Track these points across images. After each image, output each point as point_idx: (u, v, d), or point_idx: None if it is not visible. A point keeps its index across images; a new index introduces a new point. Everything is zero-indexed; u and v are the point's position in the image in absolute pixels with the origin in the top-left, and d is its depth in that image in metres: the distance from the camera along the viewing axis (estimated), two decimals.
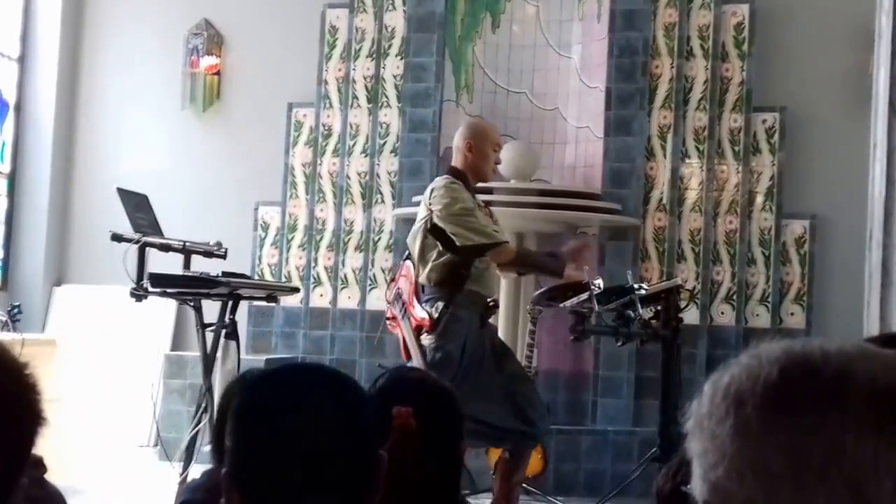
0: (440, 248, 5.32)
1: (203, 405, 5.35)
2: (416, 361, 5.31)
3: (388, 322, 5.59)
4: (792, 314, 7.87)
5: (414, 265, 5.40)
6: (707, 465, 1.02)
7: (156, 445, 7.61)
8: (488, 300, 5.45)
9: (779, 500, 0.98)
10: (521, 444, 5.43)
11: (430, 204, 5.37)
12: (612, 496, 6.15)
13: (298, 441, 1.56)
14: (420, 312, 5.31)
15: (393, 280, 5.74)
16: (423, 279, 5.34)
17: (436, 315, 5.24)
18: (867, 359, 1.01)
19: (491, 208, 5.82)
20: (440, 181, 5.47)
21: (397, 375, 2.45)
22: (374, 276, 8.19)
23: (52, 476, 2.42)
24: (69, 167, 8.95)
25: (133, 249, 5.35)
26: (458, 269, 5.29)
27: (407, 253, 5.57)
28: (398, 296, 5.46)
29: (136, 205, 5.69)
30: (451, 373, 5.00)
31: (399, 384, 2.37)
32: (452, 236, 5.28)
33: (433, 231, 5.34)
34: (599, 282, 5.76)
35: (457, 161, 5.55)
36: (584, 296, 5.64)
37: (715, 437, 1.02)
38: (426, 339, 5.27)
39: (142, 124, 8.85)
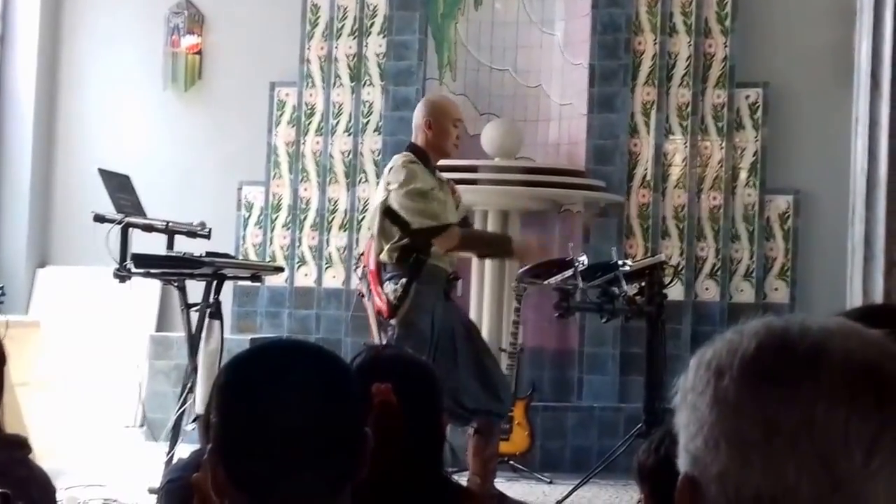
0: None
1: (189, 385, 5.38)
2: (375, 340, 5.32)
3: (361, 298, 5.58)
4: (776, 289, 7.91)
5: (376, 243, 5.39)
6: (688, 437, 1.05)
7: (142, 426, 7.63)
8: (450, 274, 5.42)
9: (751, 469, 1.00)
10: (487, 421, 5.42)
11: (388, 183, 5.34)
12: (598, 472, 6.20)
13: (283, 417, 1.57)
14: (378, 299, 5.31)
15: (362, 255, 5.74)
16: (384, 257, 5.32)
17: (399, 292, 5.23)
18: (846, 335, 1.03)
19: (454, 184, 5.68)
20: (398, 159, 5.41)
21: (374, 353, 2.47)
22: (360, 255, 8.19)
23: (36, 458, 2.43)
24: (50, 148, 8.92)
25: (116, 230, 5.36)
26: (418, 247, 5.27)
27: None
28: (364, 273, 5.48)
29: (119, 185, 5.70)
30: (423, 349, 5.00)
31: (376, 361, 2.39)
32: (404, 217, 5.28)
33: (387, 211, 5.32)
34: (584, 258, 5.78)
35: (417, 138, 5.50)
36: (569, 272, 5.66)
37: (696, 408, 1.04)
38: (395, 319, 5.25)
39: (123, 104, 8.81)
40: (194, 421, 5.19)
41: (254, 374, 1.63)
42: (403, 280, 5.24)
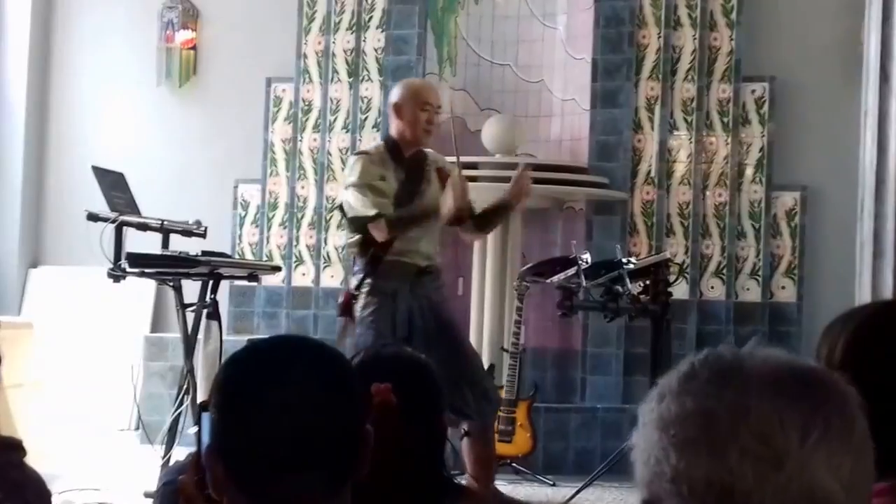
0: None
1: (185, 387, 5.39)
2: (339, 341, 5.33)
3: None
4: (783, 287, 7.92)
5: None
6: (641, 464, 1.13)
7: (137, 429, 7.63)
8: (423, 268, 5.34)
9: (697, 462, 1.08)
10: (477, 423, 5.40)
11: None
12: (602, 474, 6.21)
13: (283, 415, 1.57)
14: (342, 297, 5.34)
15: None
16: (350, 252, 5.38)
17: (356, 287, 5.24)
18: (767, 355, 1.15)
19: (450, 166, 5.51)
20: (353, 154, 5.50)
21: (372, 352, 2.49)
22: None
23: (30, 461, 2.45)
24: (42, 145, 8.92)
25: (110, 229, 5.37)
26: (373, 242, 5.25)
27: None
28: None
29: (112, 183, 5.71)
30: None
31: (375, 361, 2.40)
32: (344, 207, 5.31)
33: (340, 207, 5.38)
34: (587, 256, 5.80)
35: (390, 127, 5.52)
36: (572, 271, 5.67)
37: (646, 438, 1.14)
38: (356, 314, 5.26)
39: (116, 101, 8.82)
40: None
41: (254, 371, 1.63)
42: (360, 276, 5.26)
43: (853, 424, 1.11)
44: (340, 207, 5.38)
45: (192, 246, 5.53)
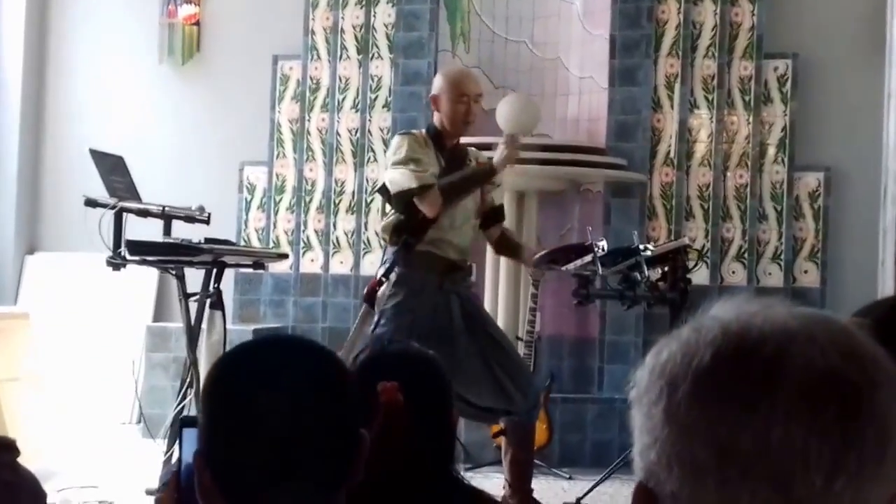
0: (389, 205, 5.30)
1: (188, 380, 5.35)
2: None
3: None
4: (806, 272, 7.85)
5: None
6: (642, 446, 1.03)
7: (139, 422, 7.61)
8: (453, 262, 5.31)
9: (704, 493, 0.99)
10: (512, 422, 5.38)
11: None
12: (619, 467, 6.17)
13: (272, 422, 1.54)
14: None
15: None
16: (382, 238, 5.35)
17: (384, 275, 5.18)
18: (809, 337, 1.00)
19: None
20: (398, 133, 5.45)
21: (378, 349, 2.46)
22: (368, 239, 8.15)
23: (26, 458, 2.41)
24: (39, 127, 8.84)
25: (109, 214, 5.33)
26: (407, 228, 5.20)
27: None
28: None
29: (112, 167, 5.65)
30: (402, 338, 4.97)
31: (381, 358, 2.37)
32: (388, 187, 5.25)
33: (382, 188, 5.32)
34: (603, 243, 5.73)
35: (432, 117, 5.50)
36: (588, 258, 5.62)
37: (650, 416, 1.03)
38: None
39: (116, 80, 8.73)
40: None
41: (242, 374, 1.60)
42: (388, 266, 5.23)
43: (890, 435, 0.99)
44: (382, 189, 5.32)
45: (195, 232, 5.48)
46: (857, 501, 0.97)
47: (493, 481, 5.89)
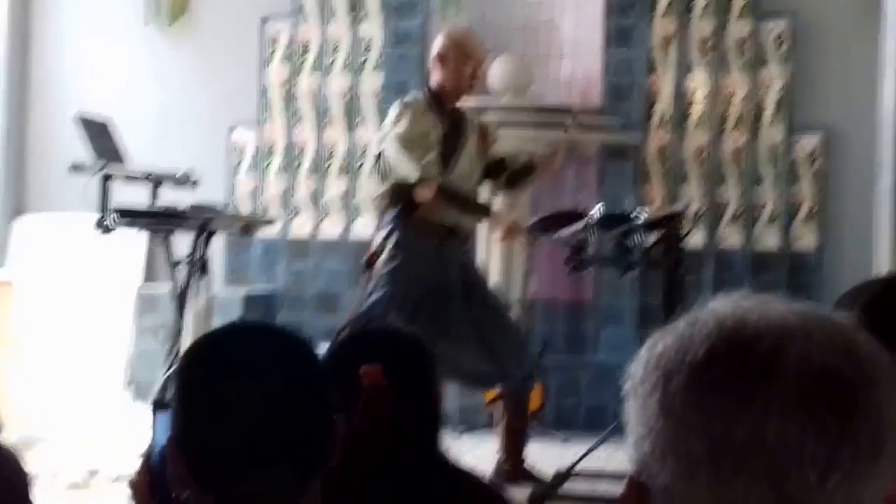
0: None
1: (176, 348, 5.34)
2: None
3: None
4: (803, 236, 7.84)
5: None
6: (636, 437, 1.04)
7: (131, 384, 7.59)
8: (452, 226, 5.33)
9: (697, 486, 0.99)
10: (508, 389, 5.39)
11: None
12: (614, 431, 6.16)
13: (244, 409, 1.55)
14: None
15: None
16: (375, 204, 5.33)
17: (383, 240, 5.21)
18: (806, 333, 1.00)
19: (490, 127, 5.68)
20: (398, 101, 5.40)
21: (359, 330, 2.43)
22: (359, 202, 8.13)
23: (14, 424, 2.40)
24: (24, 89, 8.75)
25: (95, 179, 5.31)
26: (405, 193, 5.20)
27: None
28: None
29: (97, 132, 5.62)
30: (392, 306, 4.98)
31: (362, 339, 2.34)
32: (386, 165, 5.23)
33: (379, 155, 5.30)
34: (595, 210, 5.70)
35: (431, 77, 5.46)
36: (580, 226, 5.60)
37: (646, 407, 1.03)
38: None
39: (101, 42, 8.63)
40: None
41: (213, 362, 1.61)
42: (385, 231, 5.22)
43: (886, 433, 0.99)
44: (379, 157, 5.30)
45: (183, 197, 5.46)
46: (851, 498, 0.98)
47: (485, 446, 5.90)
